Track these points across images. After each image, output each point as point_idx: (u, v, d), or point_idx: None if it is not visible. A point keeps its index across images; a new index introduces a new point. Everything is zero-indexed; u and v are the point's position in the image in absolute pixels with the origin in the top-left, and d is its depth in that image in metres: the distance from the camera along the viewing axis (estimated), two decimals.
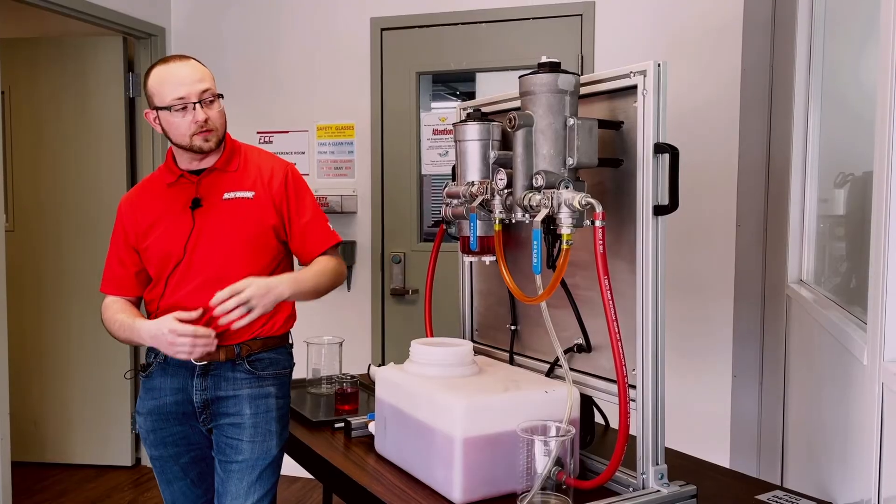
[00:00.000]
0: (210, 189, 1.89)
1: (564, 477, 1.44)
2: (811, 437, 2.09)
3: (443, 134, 3.46)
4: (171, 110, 1.80)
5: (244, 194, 1.88)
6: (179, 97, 1.79)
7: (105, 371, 3.83)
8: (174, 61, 1.83)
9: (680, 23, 3.10)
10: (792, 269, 2.46)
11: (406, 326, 3.53)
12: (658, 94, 1.45)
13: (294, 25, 3.62)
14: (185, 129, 1.82)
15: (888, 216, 1.30)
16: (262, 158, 1.97)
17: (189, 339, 1.73)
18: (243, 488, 1.85)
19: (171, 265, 1.86)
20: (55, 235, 3.85)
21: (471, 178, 1.69)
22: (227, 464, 1.86)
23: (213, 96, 1.84)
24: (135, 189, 2.03)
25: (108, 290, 1.99)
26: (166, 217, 1.89)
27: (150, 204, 1.93)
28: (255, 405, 1.87)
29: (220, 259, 1.85)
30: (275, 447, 1.89)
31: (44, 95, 3.81)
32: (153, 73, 1.84)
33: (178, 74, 1.80)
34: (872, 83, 1.51)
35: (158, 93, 1.82)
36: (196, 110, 1.80)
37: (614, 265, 1.55)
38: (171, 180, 1.92)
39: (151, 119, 1.86)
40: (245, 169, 1.92)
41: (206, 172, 1.90)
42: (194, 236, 1.86)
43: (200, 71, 1.84)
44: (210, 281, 1.83)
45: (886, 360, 1.32)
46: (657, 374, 1.50)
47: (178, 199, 1.90)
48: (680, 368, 3.05)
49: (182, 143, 1.84)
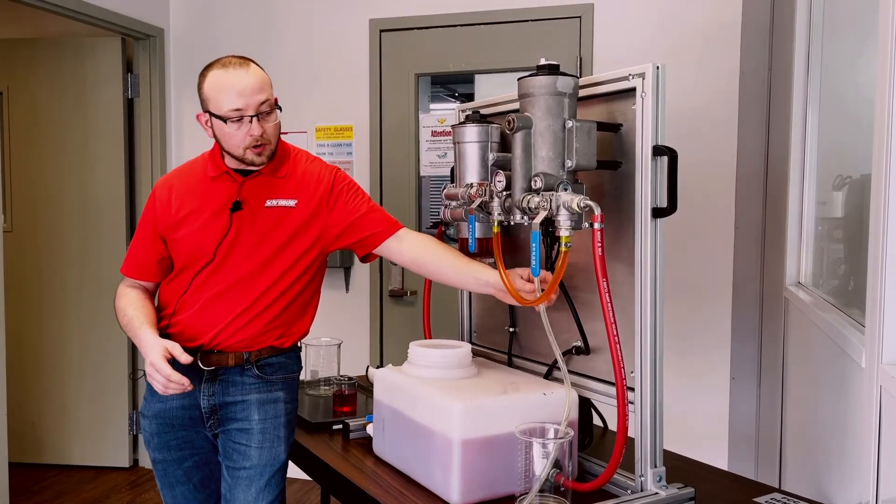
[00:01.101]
0: (253, 193, 1.81)
1: (563, 479, 1.44)
2: (809, 439, 2.09)
3: (441, 136, 3.46)
4: (226, 121, 1.72)
5: (287, 203, 1.81)
6: (236, 108, 1.71)
7: (103, 372, 3.83)
8: (233, 67, 1.72)
9: (679, 25, 3.10)
10: (790, 271, 2.47)
11: (404, 328, 3.53)
12: (657, 96, 1.45)
13: (293, 27, 3.62)
14: (240, 140, 1.74)
15: (886, 219, 1.30)
16: (309, 164, 1.88)
17: (162, 379, 1.67)
18: (252, 495, 1.80)
19: (199, 265, 1.80)
20: (53, 236, 3.84)
21: (469, 180, 1.69)
22: (235, 470, 1.82)
23: (271, 107, 1.75)
24: (174, 173, 1.94)
25: (129, 272, 1.91)
26: (203, 212, 1.82)
27: (189, 194, 1.85)
28: (263, 410, 1.83)
29: (249, 268, 1.79)
30: (283, 453, 1.85)
31: (42, 96, 3.81)
32: (210, 77, 1.74)
33: (238, 84, 1.70)
34: (870, 86, 1.52)
35: (214, 99, 1.72)
36: (252, 124, 1.72)
37: (613, 267, 1.55)
38: (214, 174, 1.84)
39: (203, 122, 1.78)
40: (292, 176, 1.84)
41: (253, 175, 1.82)
42: (228, 240, 1.79)
43: (260, 79, 1.74)
44: (234, 288, 1.79)
45: (884, 362, 1.32)
46: (656, 377, 1.50)
47: (219, 197, 1.82)
48: (678, 371, 3.05)
49: (234, 154, 1.77)
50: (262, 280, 1.79)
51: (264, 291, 1.80)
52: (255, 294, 1.79)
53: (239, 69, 1.72)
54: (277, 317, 1.83)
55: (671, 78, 1.47)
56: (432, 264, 1.82)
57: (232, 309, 1.79)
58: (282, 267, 1.80)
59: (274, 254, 1.79)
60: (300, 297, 1.86)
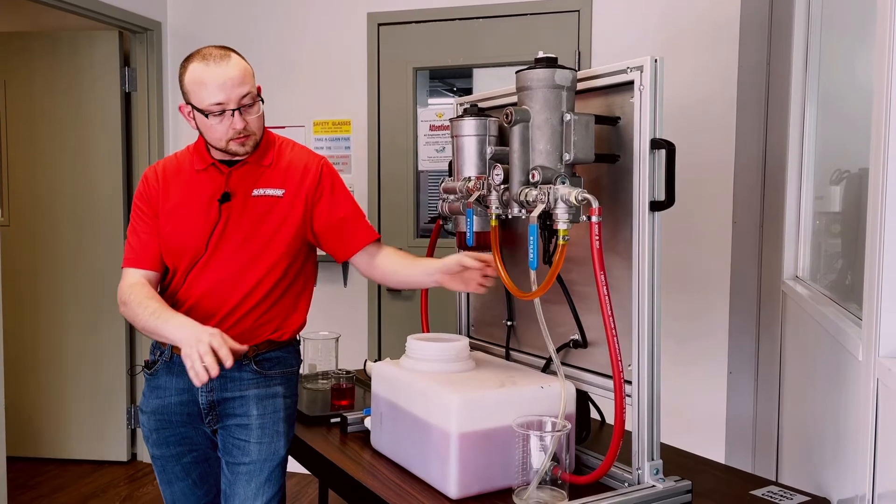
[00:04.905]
0: (240, 183, 1.81)
1: (560, 472, 1.45)
2: (806, 432, 2.09)
3: (439, 130, 3.46)
4: (208, 115, 1.71)
5: (274, 192, 1.80)
6: (218, 103, 1.69)
7: (101, 366, 3.83)
8: (214, 59, 1.69)
9: (677, 20, 3.10)
10: (788, 265, 2.47)
11: (402, 322, 3.53)
12: (655, 89, 1.45)
13: (291, 20, 3.62)
14: (222, 133, 1.73)
15: (883, 213, 1.30)
16: (295, 153, 1.87)
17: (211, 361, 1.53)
18: (252, 490, 1.80)
19: (193, 259, 1.79)
20: (51, 230, 3.84)
21: (467, 174, 1.69)
22: (235, 465, 1.81)
23: (253, 99, 1.74)
24: (162, 163, 1.91)
25: (132, 262, 1.83)
26: (191, 205, 1.81)
27: (177, 185, 1.84)
28: (262, 406, 1.82)
29: (242, 258, 1.78)
30: (282, 448, 1.84)
31: (39, 90, 3.80)
32: (190, 70, 1.71)
33: (219, 78, 1.68)
34: (868, 80, 1.52)
35: (195, 93, 1.70)
36: (235, 117, 1.71)
37: (610, 261, 1.55)
38: (200, 167, 1.84)
39: (185, 113, 1.77)
40: (278, 164, 1.83)
41: (239, 165, 1.81)
42: (218, 231, 1.78)
43: (241, 71, 1.71)
44: (229, 279, 1.78)
45: (881, 355, 1.32)
46: (653, 370, 1.50)
47: (206, 189, 1.81)
48: (675, 364, 3.06)
49: (217, 146, 1.77)
50: (253, 273, 1.79)
51: (255, 284, 1.79)
52: (247, 288, 1.79)
53: (220, 62, 1.70)
54: (270, 309, 1.82)
55: (670, 73, 1.47)
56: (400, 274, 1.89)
57: (223, 304, 1.79)
58: (272, 258, 1.80)
59: (264, 244, 1.79)
60: (291, 288, 1.86)
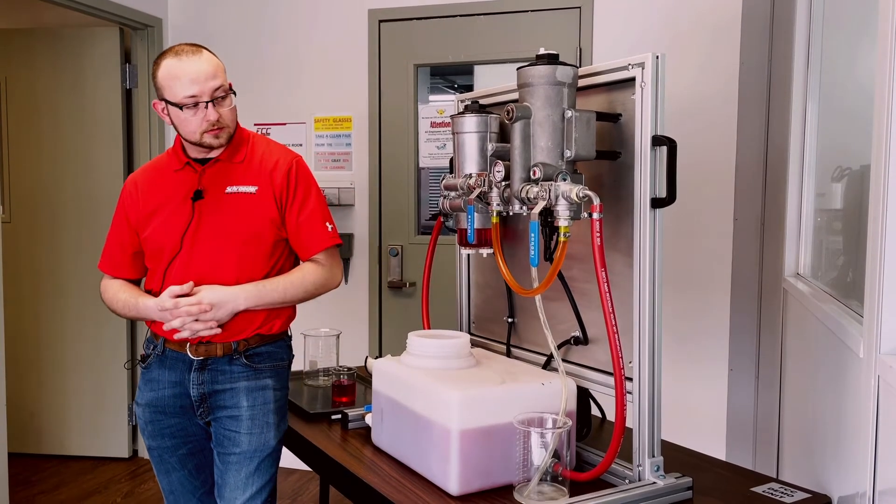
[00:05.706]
0: (213, 181, 1.85)
1: (561, 469, 1.45)
2: (807, 429, 2.09)
3: (440, 126, 3.45)
4: (182, 108, 1.76)
5: (247, 189, 1.84)
6: (191, 95, 1.74)
7: (102, 362, 3.83)
8: (186, 54, 1.76)
9: (679, 17, 3.10)
10: (789, 262, 2.47)
11: (403, 319, 3.53)
12: (656, 86, 1.45)
13: (292, 17, 3.61)
14: (196, 126, 1.78)
15: (885, 210, 1.30)
16: (268, 150, 1.91)
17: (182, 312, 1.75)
18: (241, 479, 1.85)
19: (169, 257, 1.84)
20: (52, 226, 3.84)
21: (468, 171, 1.69)
22: (226, 455, 1.86)
23: (225, 92, 1.79)
24: (141, 170, 1.99)
25: (105, 268, 1.98)
26: (168, 206, 1.86)
27: (155, 189, 1.90)
28: (252, 397, 1.86)
29: (217, 255, 1.82)
30: (273, 438, 1.89)
31: (40, 86, 3.80)
32: (163, 66, 1.77)
33: (191, 71, 1.74)
34: (870, 78, 1.51)
35: (168, 87, 1.76)
36: (208, 109, 1.76)
37: (611, 258, 1.55)
38: (177, 167, 1.89)
39: (160, 109, 1.81)
40: (250, 161, 1.87)
41: (211, 163, 1.86)
42: (192, 229, 1.83)
43: (213, 66, 1.77)
44: (206, 276, 1.81)
45: (882, 352, 1.32)
46: (654, 367, 1.50)
47: (181, 189, 1.86)
48: (676, 361, 3.06)
49: (192, 140, 1.81)
50: (231, 269, 1.82)
51: (234, 281, 1.82)
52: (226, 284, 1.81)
53: (192, 56, 1.76)
54: None
55: (671, 70, 1.47)
56: None
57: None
58: (249, 254, 1.84)
59: (241, 241, 1.83)
60: None
